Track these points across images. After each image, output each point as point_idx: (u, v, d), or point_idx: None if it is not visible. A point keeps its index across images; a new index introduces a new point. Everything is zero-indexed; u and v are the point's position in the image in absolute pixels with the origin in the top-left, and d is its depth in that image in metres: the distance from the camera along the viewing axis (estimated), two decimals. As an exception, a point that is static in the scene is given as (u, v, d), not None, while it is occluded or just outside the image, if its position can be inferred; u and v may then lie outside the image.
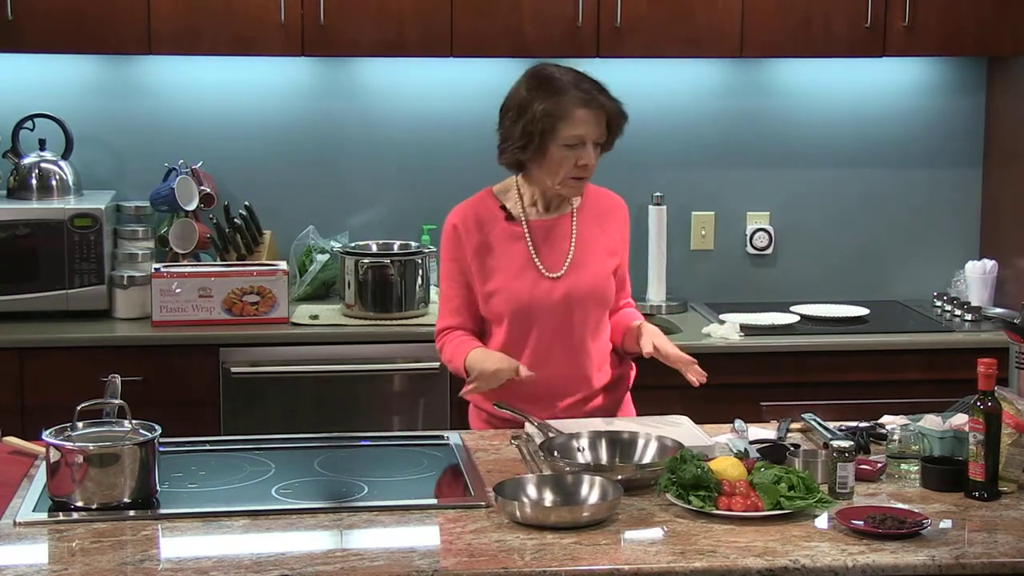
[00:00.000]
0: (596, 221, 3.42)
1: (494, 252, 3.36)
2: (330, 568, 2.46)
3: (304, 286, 4.71)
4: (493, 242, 3.36)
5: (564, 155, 3.25)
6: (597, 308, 3.38)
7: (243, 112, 4.84)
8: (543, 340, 3.34)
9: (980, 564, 2.52)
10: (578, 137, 3.23)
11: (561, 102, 3.23)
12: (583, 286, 3.34)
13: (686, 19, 4.58)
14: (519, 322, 3.33)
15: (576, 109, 3.23)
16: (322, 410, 4.33)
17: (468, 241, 3.36)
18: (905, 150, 5.09)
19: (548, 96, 3.25)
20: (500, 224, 3.37)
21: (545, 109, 3.23)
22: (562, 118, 3.22)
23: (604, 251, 3.40)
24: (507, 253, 3.35)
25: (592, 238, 3.39)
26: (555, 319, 3.33)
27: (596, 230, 3.41)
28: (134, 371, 4.10)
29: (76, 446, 2.72)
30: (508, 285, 3.34)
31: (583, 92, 3.25)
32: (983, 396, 2.83)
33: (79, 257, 4.41)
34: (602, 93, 3.27)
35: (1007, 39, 4.71)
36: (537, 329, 3.33)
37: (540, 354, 3.33)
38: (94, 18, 4.40)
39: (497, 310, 3.35)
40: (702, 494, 2.72)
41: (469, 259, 3.36)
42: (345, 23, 4.48)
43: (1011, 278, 4.90)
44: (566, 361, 3.35)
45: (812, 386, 4.23)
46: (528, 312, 3.33)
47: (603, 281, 3.38)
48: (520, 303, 3.33)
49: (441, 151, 4.93)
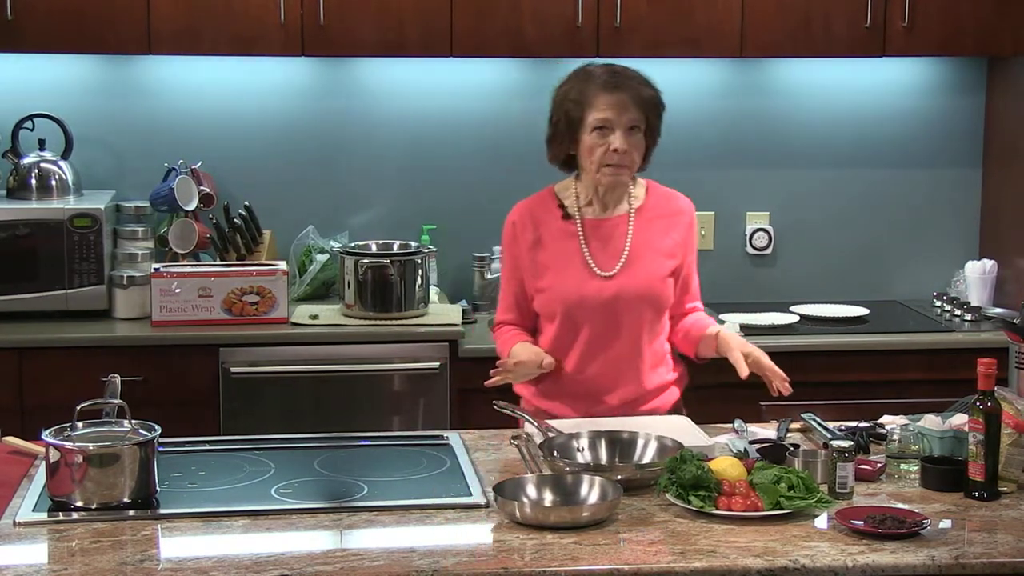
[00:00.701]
0: (656, 223, 3.40)
1: (547, 249, 3.38)
2: (330, 568, 2.46)
3: (304, 286, 4.71)
4: (547, 239, 3.38)
5: (595, 142, 3.28)
6: (649, 310, 3.36)
7: (243, 112, 4.84)
8: (592, 338, 3.34)
9: (980, 564, 2.52)
10: (603, 120, 3.26)
11: (585, 88, 3.29)
12: (634, 286, 3.34)
13: (686, 19, 4.58)
14: (568, 319, 3.35)
15: (599, 94, 3.27)
16: (322, 410, 4.33)
17: (523, 238, 3.40)
18: (905, 150, 5.09)
19: (575, 84, 3.32)
20: (556, 222, 3.39)
21: (571, 97, 3.30)
22: (586, 104, 3.27)
23: (661, 253, 3.38)
24: (560, 250, 3.37)
25: (649, 239, 3.38)
26: (604, 318, 3.33)
27: (655, 232, 3.39)
28: (134, 371, 4.10)
29: (76, 446, 2.72)
30: (558, 282, 3.35)
31: (607, 78, 3.29)
32: (983, 396, 2.83)
33: (79, 257, 4.40)
34: (629, 79, 3.30)
35: (1007, 39, 4.71)
36: (586, 327, 3.34)
37: (588, 352, 3.35)
38: (94, 18, 4.40)
39: (547, 306, 3.37)
40: (702, 494, 2.72)
41: (523, 255, 3.39)
42: (345, 23, 4.48)
43: (1011, 278, 4.90)
44: (615, 360, 3.35)
45: (812, 386, 4.20)
46: (577, 310, 3.33)
47: (657, 283, 3.37)
48: (569, 300, 3.34)
49: (441, 151, 4.93)
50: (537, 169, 4.94)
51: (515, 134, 4.94)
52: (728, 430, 3.30)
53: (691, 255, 3.46)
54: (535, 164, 4.93)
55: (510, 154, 4.95)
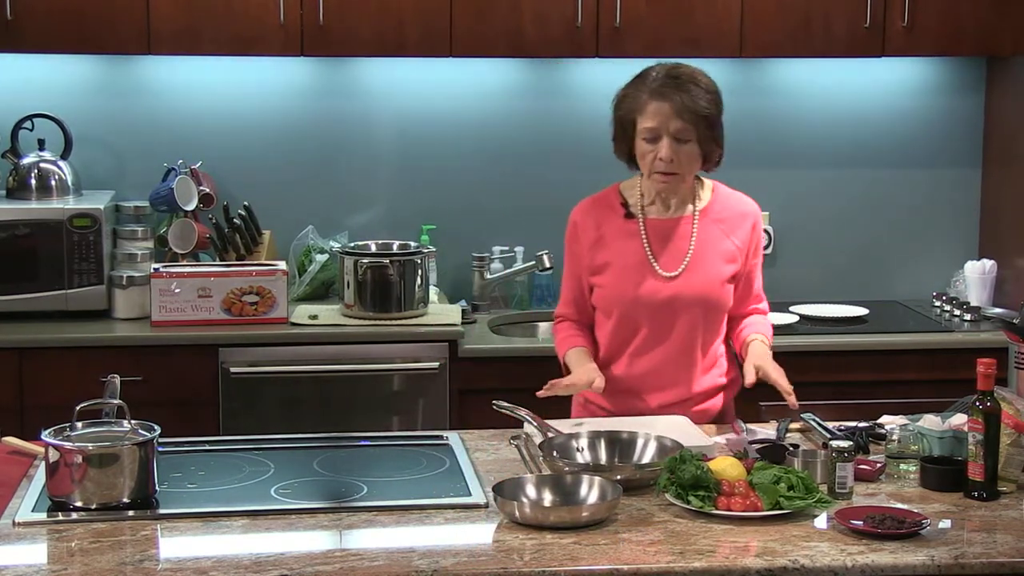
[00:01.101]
0: (720, 225, 3.39)
1: (608, 247, 3.37)
2: (329, 568, 2.46)
3: (303, 286, 4.71)
4: (609, 237, 3.38)
5: (645, 148, 3.27)
6: (707, 313, 3.36)
7: (242, 112, 4.84)
8: (647, 337, 3.35)
9: (979, 564, 2.52)
10: (651, 130, 3.24)
11: (637, 94, 3.27)
12: (693, 289, 3.33)
13: (686, 19, 4.58)
14: (626, 317, 3.35)
15: (648, 101, 3.25)
16: (321, 410, 4.33)
17: (585, 236, 3.40)
18: (904, 150, 5.09)
19: (632, 88, 3.30)
20: (618, 220, 3.39)
21: (626, 101, 3.29)
22: (637, 110, 3.26)
23: (723, 256, 3.38)
24: (621, 249, 3.36)
25: (712, 242, 3.37)
26: (661, 318, 3.34)
27: (718, 234, 3.38)
28: (133, 371, 4.10)
29: (75, 446, 2.72)
30: (618, 280, 3.35)
31: (659, 84, 3.25)
32: (982, 396, 2.83)
33: (78, 257, 4.40)
34: (680, 86, 3.24)
35: (1006, 39, 4.71)
36: (643, 326, 3.34)
37: (641, 350, 3.36)
38: (93, 18, 4.40)
39: (605, 303, 3.38)
40: (701, 494, 2.72)
41: (585, 252, 3.39)
42: (344, 23, 4.48)
43: (1010, 278, 4.90)
44: (664, 361, 3.35)
45: (811, 386, 4.22)
46: (635, 308, 3.34)
47: (716, 286, 3.36)
48: (627, 298, 3.34)
49: (440, 151, 4.93)
50: (536, 169, 4.98)
51: (515, 134, 4.95)
52: (728, 430, 3.30)
53: (755, 258, 3.45)
54: (535, 164, 4.98)
55: (510, 154, 4.95)
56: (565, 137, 4.95)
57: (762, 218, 3.49)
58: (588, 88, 4.91)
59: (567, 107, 4.94)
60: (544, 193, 4.95)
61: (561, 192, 4.95)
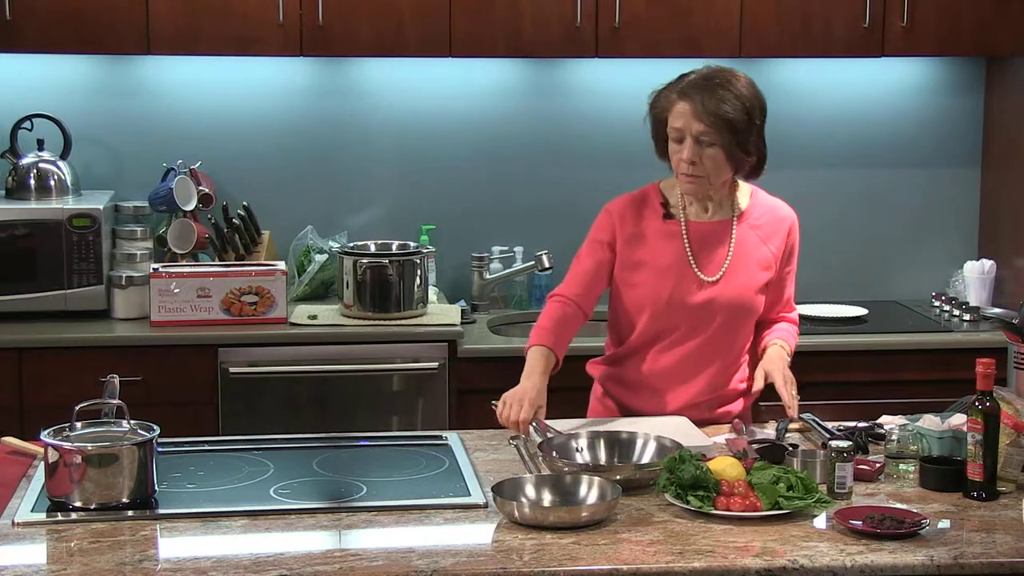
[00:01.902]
0: (757, 231, 3.39)
1: (646, 245, 3.35)
2: (329, 568, 2.46)
3: (303, 286, 4.71)
4: (647, 235, 3.36)
5: (673, 149, 3.26)
6: (739, 319, 3.36)
7: (242, 112, 4.84)
8: (676, 338, 3.34)
9: (978, 564, 2.52)
10: (677, 130, 3.23)
11: (668, 93, 3.27)
12: (729, 295, 3.33)
13: (685, 19, 4.58)
14: (657, 317, 3.34)
15: (675, 102, 3.24)
16: (321, 410, 4.33)
17: (621, 229, 3.37)
18: (904, 150, 5.09)
19: (667, 87, 3.29)
20: (657, 220, 3.37)
21: (659, 100, 3.29)
22: (667, 110, 3.26)
23: (759, 264, 3.38)
24: (659, 249, 3.34)
25: (749, 249, 3.37)
26: (693, 321, 3.33)
27: (755, 241, 3.38)
28: (132, 371, 4.10)
29: (74, 446, 2.72)
30: (653, 280, 3.33)
31: (689, 84, 3.24)
32: (981, 396, 2.83)
33: (77, 257, 4.40)
34: (708, 88, 3.22)
35: (1006, 39, 4.71)
36: (675, 327, 3.34)
37: (668, 349, 3.35)
38: (93, 18, 4.40)
39: (637, 302, 3.36)
40: (701, 494, 2.72)
41: (619, 247, 3.36)
42: (343, 23, 4.48)
43: (1009, 278, 4.90)
44: (692, 362, 3.35)
45: (811, 386, 4.22)
46: (668, 310, 3.32)
47: (751, 293, 3.36)
48: (661, 300, 3.32)
49: (440, 151, 4.93)
50: (536, 169, 4.97)
51: (514, 134, 4.95)
52: (727, 430, 3.30)
53: (789, 265, 3.45)
54: (534, 164, 4.98)
55: (509, 154, 4.95)
56: (565, 137, 4.95)
57: (798, 225, 3.47)
58: (587, 88, 4.91)
59: (566, 107, 4.95)
60: (543, 193, 4.95)
61: (561, 192, 4.97)
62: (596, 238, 3.40)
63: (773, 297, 3.43)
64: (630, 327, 3.39)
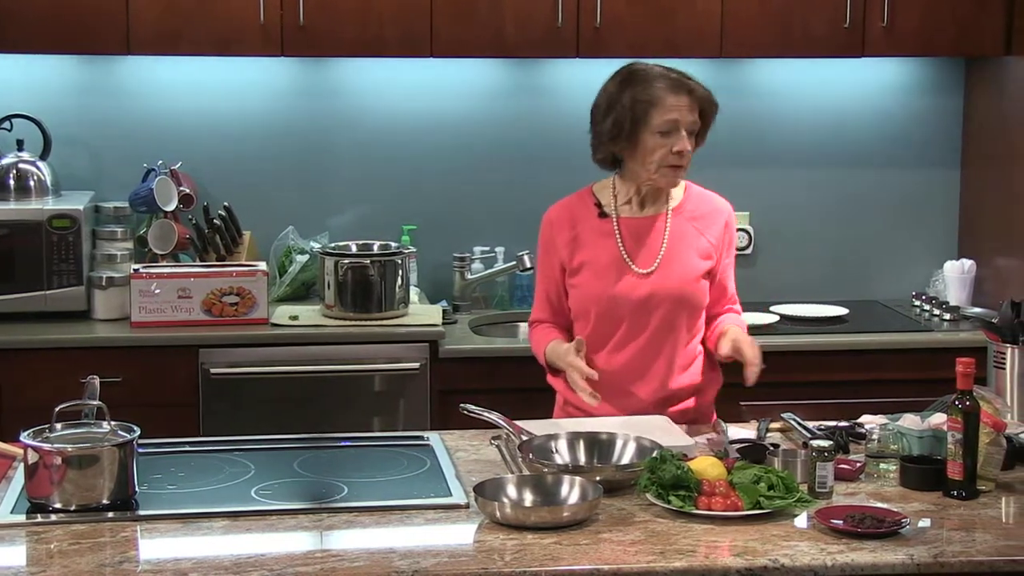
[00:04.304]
0: (693, 223, 3.41)
1: (584, 247, 3.39)
2: (310, 569, 2.46)
3: (284, 287, 4.70)
4: (584, 237, 3.40)
5: (658, 143, 3.27)
6: (682, 310, 3.37)
7: (223, 112, 4.83)
8: (624, 335, 3.36)
9: (958, 563, 2.53)
10: (671, 122, 3.26)
11: (650, 89, 3.28)
12: (669, 285, 3.35)
13: (666, 20, 4.58)
14: (604, 316, 3.36)
15: (666, 95, 3.26)
16: (302, 411, 4.32)
17: (560, 236, 3.41)
18: (884, 150, 5.11)
19: (637, 85, 3.29)
20: (592, 220, 3.41)
21: (635, 97, 3.28)
22: (653, 104, 3.26)
23: (697, 253, 3.39)
24: (596, 248, 3.38)
25: (685, 239, 3.39)
26: (638, 316, 3.35)
27: (691, 232, 3.40)
28: (113, 372, 4.08)
29: (55, 448, 2.71)
30: (594, 279, 3.36)
31: (672, 78, 3.29)
32: (961, 395, 2.84)
33: (57, 258, 4.39)
34: (690, 80, 3.31)
35: (986, 39, 4.72)
36: (620, 324, 3.36)
37: (619, 348, 3.37)
38: (73, 18, 4.38)
39: (582, 303, 3.39)
40: (682, 494, 2.72)
41: (561, 254, 3.41)
42: (325, 23, 4.47)
43: (989, 278, 4.91)
44: (643, 358, 3.36)
45: (792, 386, 4.24)
46: (612, 306, 3.35)
47: (691, 283, 3.37)
48: (604, 297, 3.35)
49: (421, 152, 4.93)
50: (518, 170, 4.98)
51: (496, 135, 4.95)
52: (708, 430, 3.31)
53: (727, 256, 3.47)
54: (516, 165, 4.98)
55: (491, 155, 4.95)
56: (546, 138, 4.95)
57: (735, 218, 3.51)
58: (569, 88, 4.91)
59: (548, 107, 4.95)
60: (525, 193, 4.95)
61: (542, 192, 4.92)
62: (545, 253, 3.45)
63: (716, 292, 3.45)
64: (583, 332, 3.40)
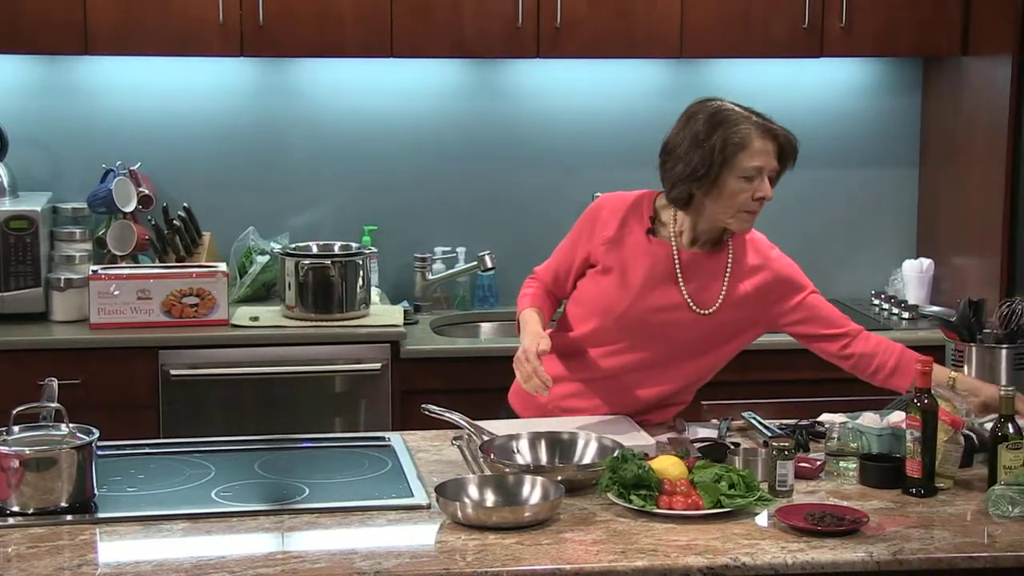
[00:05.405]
0: (748, 274, 3.34)
1: (620, 252, 3.30)
2: (271, 571, 2.45)
3: (244, 288, 4.69)
4: (626, 243, 3.31)
5: (741, 187, 3.17)
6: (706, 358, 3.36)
7: (182, 113, 4.81)
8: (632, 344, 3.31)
9: (917, 560, 2.55)
10: (756, 168, 3.17)
11: (740, 131, 3.16)
12: (720, 321, 3.30)
13: (626, 20, 4.59)
14: (606, 328, 3.30)
15: (756, 139, 3.17)
16: (263, 412, 4.31)
17: (603, 231, 3.32)
18: (842, 150, 5.13)
19: (727, 126, 3.17)
20: (640, 231, 3.31)
21: (726, 139, 3.16)
22: (743, 147, 3.16)
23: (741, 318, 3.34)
24: (633, 262, 3.29)
25: (740, 287, 3.32)
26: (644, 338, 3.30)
27: (743, 281, 3.32)
28: (72, 374, 4.06)
29: (12, 450, 2.69)
30: (615, 290, 3.29)
31: (760, 122, 3.20)
32: (920, 394, 2.86)
33: (15, 260, 4.36)
34: (775, 125, 3.23)
35: (943, 40, 4.76)
36: (616, 339, 3.30)
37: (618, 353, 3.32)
38: (29, 17, 4.35)
39: (592, 303, 3.32)
40: (643, 493, 2.73)
41: (594, 244, 3.33)
42: (284, 24, 4.46)
43: (947, 276, 4.95)
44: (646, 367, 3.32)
45: (752, 385, 4.26)
46: (618, 324, 3.29)
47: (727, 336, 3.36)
48: (614, 312, 3.28)
49: (382, 152, 4.92)
50: (478, 170, 4.97)
51: (456, 135, 4.94)
52: (668, 429, 3.31)
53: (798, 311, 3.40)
54: (476, 165, 4.98)
55: (451, 155, 4.95)
56: (507, 137, 4.95)
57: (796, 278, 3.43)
58: (529, 88, 4.91)
59: (508, 107, 4.95)
60: (485, 193, 4.95)
61: (503, 192, 4.98)
62: (576, 234, 3.38)
63: (819, 323, 3.40)
64: (578, 320, 3.36)
